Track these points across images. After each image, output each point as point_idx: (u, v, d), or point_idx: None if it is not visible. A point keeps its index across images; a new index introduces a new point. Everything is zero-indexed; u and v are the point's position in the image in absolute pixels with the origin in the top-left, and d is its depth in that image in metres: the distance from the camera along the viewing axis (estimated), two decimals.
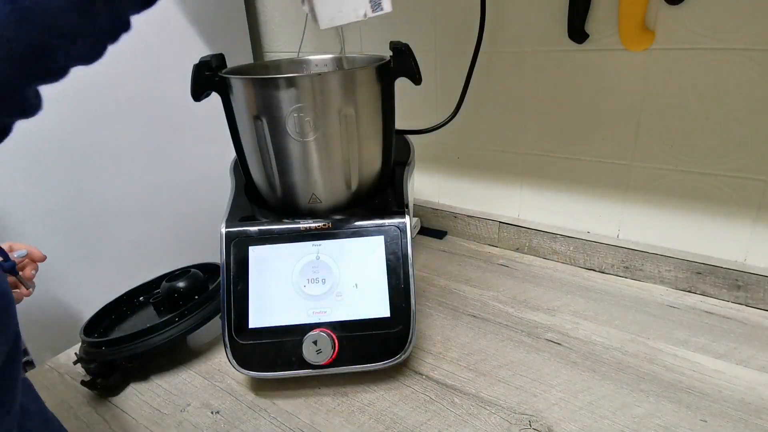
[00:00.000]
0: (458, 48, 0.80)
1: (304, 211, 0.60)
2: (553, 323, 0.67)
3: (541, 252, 0.83)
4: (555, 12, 0.69)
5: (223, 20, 0.92)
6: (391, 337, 0.56)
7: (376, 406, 0.55)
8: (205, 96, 0.57)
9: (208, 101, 0.58)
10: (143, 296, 0.71)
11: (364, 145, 0.59)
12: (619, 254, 0.76)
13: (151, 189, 0.86)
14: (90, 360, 0.59)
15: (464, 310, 0.71)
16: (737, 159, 0.64)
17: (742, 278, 0.67)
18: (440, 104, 0.86)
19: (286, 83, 0.53)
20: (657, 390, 0.55)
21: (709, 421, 0.51)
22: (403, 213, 0.59)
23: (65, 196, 0.75)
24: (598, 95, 0.71)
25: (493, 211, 0.88)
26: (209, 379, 0.61)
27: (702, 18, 0.60)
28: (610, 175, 0.74)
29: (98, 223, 0.79)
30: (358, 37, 0.91)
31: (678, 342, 0.62)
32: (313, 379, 0.59)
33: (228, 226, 0.59)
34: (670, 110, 0.66)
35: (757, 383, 0.55)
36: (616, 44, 0.67)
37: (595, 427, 0.51)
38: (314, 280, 0.57)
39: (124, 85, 0.79)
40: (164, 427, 0.54)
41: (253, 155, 0.60)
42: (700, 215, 0.69)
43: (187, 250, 0.89)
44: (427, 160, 0.92)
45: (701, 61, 0.62)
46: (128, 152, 0.81)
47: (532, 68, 0.75)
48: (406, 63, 0.56)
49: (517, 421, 0.52)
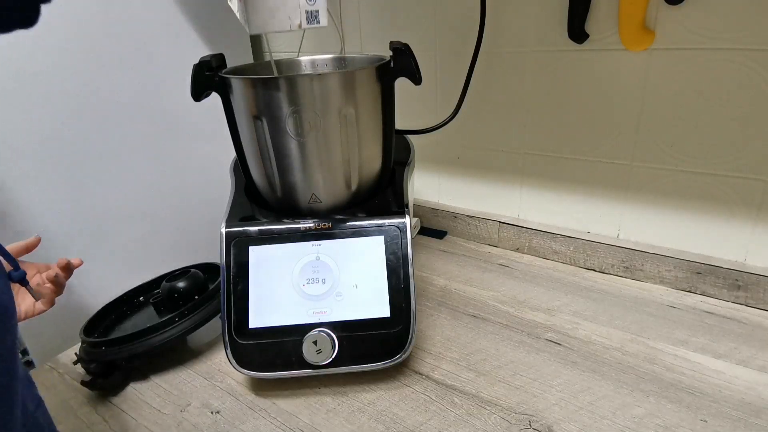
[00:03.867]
0: (458, 48, 0.80)
1: (304, 211, 0.60)
2: (553, 323, 0.67)
3: (541, 252, 0.83)
4: (555, 12, 0.69)
5: (223, 20, 0.92)
6: (391, 337, 0.56)
7: (376, 406, 0.55)
8: (205, 96, 0.57)
9: (208, 101, 0.58)
10: (143, 296, 0.72)
11: (364, 145, 0.59)
12: (619, 254, 0.76)
13: (151, 189, 0.86)
14: (90, 360, 0.59)
15: (464, 310, 0.71)
16: (737, 159, 0.64)
17: (742, 278, 0.67)
18: (440, 104, 0.86)
19: (286, 83, 0.53)
20: (657, 390, 0.55)
21: (709, 421, 0.51)
22: (403, 213, 0.59)
23: (65, 196, 0.75)
24: (598, 95, 0.71)
25: (493, 211, 0.88)
26: (209, 379, 0.61)
27: (702, 18, 0.60)
28: (610, 175, 0.74)
29: (98, 223, 0.79)
30: (358, 37, 0.91)
31: (678, 342, 0.62)
32: (313, 379, 0.59)
33: (228, 226, 0.59)
34: (670, 110, 0.66)
35: (757, 383, 0.55)
36: (616, 44, 0.67)
37: (595, 427, 0.51)
38: (314, 280, 0.57)
39: (125, 85, 0.79)
40: (164, 427, 0.54)
41: (253, 155, 0.60)
42: (700, 215, 0.69)
43: (187, 250, 0.90)
44: (427, 160, 0.92)
45: (701, 61, 0.62)
46: (128, 152, 0.81)
47: (532, 68, 0.75)
48: (406, 63, 0.56)
49: (517, 421, 0.52)
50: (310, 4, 0.52)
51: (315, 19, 0.52)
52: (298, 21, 0.52)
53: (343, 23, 0.91)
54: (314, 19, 0.52)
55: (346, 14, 0.90)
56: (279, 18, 0.52)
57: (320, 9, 0.53)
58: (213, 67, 0.56)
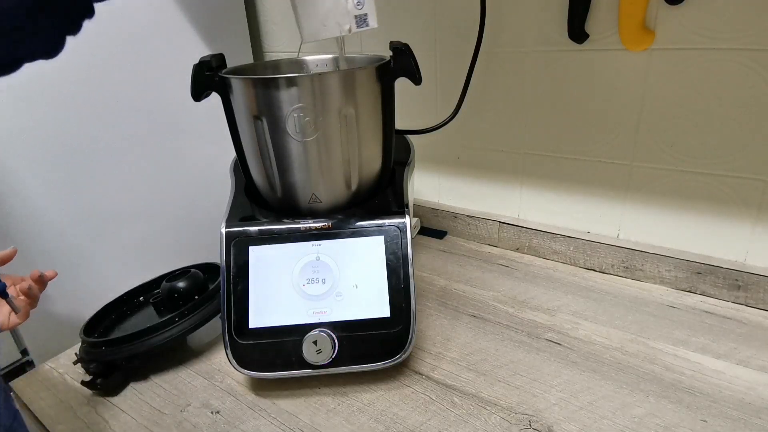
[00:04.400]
0: (458, 48, 0.80)
1: (304, 211, 0.60)
2: (553, 323, 0.67)
3: (541, 252, 0.83)
4: (555, 12, 0.69)
5: (223, 20, 0.92)
6: (391, 337, 0.56)
7: (376, 406, 0.55)
8: (205, 96, 0.57)
9: (208, 101, 0.58)
10: (143, 296, 0.71)
11: (364, 145, 0.59)
12: (619, 254, 0.76)
13: (151, 189, 0.86)
14: (90, 360, 0.59)
15: (464, 310, 0.71)
16: (737, 159, 0.64)
17: (742, 278, 0.67)
18: (440, 104, 0.86)
19: (286, 83, 0.53)
20: (657, 390, 0.55)
21: (709, 421, 0.51)
22: (403, 213, 0.59)
23: (65, 195, 0.75)
24: (598, 95, 0.71)
25: (493, 211, 0.88)
26: (209, 379, 0.61)
27: (702, 18, 0.60)
28: (610, 175, 0.74)
29: (98, 222, 0.79)
30: (358, 37, 0.91)
31: (678, 342, 0.62)
32: (313, 379, 0.59)
33: (228, 226, 0.59)
34: (670, 110, 0.66)
35: (757, 383, 0.55)
36: (616, 44, 0.67)
37: (595, 427, 0.51)
38: (314, 280, 0.57)
39: (125, 85, 0.79)
40: (164, 427, 0.54)
41: (253, 155, 0.60)
42: (700, 215, 0.69)
43: (187, 250, 0.90)
44: (427, 160, 0.92)
45: (701, 61, 0.62)
46: (128, 152, 0.82)
47: (532, 68, 0.75)
48: (406, 63, 0.56)
49: (517, 421, 0.52)
50: (359, 8, 0.53)
51: (364, 22, 0.53)
52: (348, 26, 0.53)
53: None
54: (363, 22, 0.53)
55: None
56: (330, 25, 0.52)
57: (369, 13, 0.54)
58: (213, 67, 0.56)
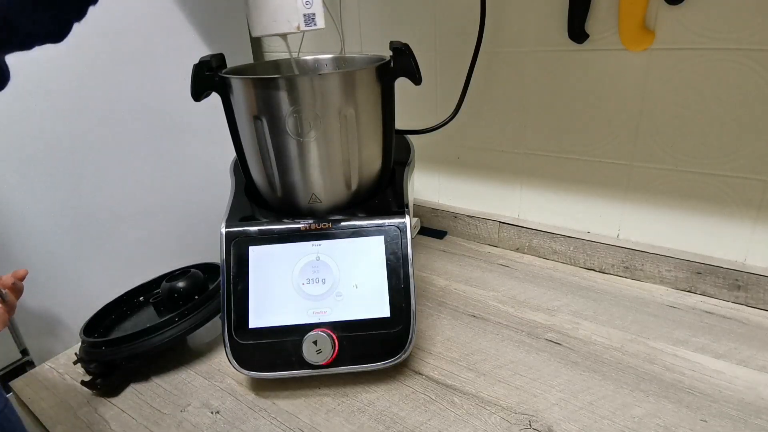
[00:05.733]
0: (458, 48, 0.80)
1: (304, 211, 0.60)
2: (553, 323, 0.67)
3: (541, 252, 0.83)
4: (555, 12, 0.69)
5: (223, 20, 0.92)
6: (391, 337, 0.56)
7: (376, 406, 0.55)
8: (205, 96, 0.57)
9: (208, 101, 0.58)
10: (143, 296, 0.71)
11: (364, 145, 0.59)
12: (619, 254, 0.76)
13: (151, 189, 0.86)
14: (90, 360, 0.59)
15: (464, 310, 0.71)
16: (737, 159, 0.64)
17: (742, 278, 0.67)
18: (440, 104, 0.86)
19: (286, 83, 0.53)
20: (657, 390, 0.55)
21: (709, 421, 0.51)
22: (403, 213, 0.59)
23: (65, 195, 0.75)
24: (598, 95, 0.71)
25: (493, 211, 0.88)
26: (209, 379, 0.61)
27: (702, 18, 0.60)
28: (610, 175, 0.74)
29: (98, 222, 0.79)
30: (358, 37, 0.91)
31: (678, 342, 0.62)
32: (313, 379, 0.59)
33: (228, 226, 0.59)
34: (670, 110, 0.66)
35: (757, 383, 0.55)
36: (616, 44, 0.67)
37: (595, 427, 0.51)
38: (314, 280, 0.57)
39: (124, 85, 0.79)
40: (164, 427, 0.54)
41: (253, 155, 0.60)
42: (700, 215, 0.69)
43: (187, 250, 0.90)
44: (427, 160, 0.92)
45: (701, 61, 0.62)
46: (128, 152, 0.81)
47: (532, 68, 0.75)
48: (406, 63, 0.56)
49: (517, 421, 0.52)
50: (307, 7, 0.53)
51: (312, 21, 0.54)
52: (297, 24, 0.53)
53: (342, 23, 0.91)
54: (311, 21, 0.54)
55: (346, 14, 0.90)
56: (280, 21, 0.53)
57: (317, 12, 0.54)
58: (213, 67, 0.56)
